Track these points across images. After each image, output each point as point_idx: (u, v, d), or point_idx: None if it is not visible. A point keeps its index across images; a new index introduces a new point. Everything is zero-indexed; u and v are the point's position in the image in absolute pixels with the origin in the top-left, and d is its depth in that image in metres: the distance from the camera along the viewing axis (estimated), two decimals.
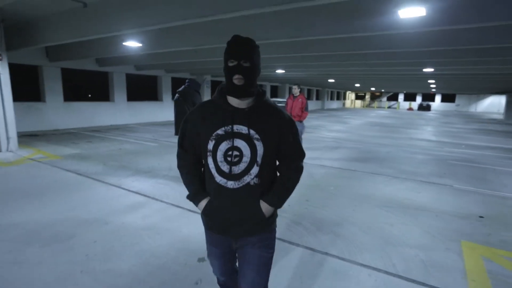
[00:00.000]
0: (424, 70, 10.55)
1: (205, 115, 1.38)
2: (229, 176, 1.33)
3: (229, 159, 1.32)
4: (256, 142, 1.31)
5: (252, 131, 1.31)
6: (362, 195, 4.68)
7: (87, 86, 13.74)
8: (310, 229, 3.41)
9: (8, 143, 6.81)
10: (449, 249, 3.04)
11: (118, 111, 13.70)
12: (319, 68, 12.39)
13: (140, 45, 7.08)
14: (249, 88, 1.31)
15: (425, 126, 17.54)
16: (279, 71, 13.93)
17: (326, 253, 2.88)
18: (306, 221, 3.61)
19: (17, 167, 5.74)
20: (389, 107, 46.07)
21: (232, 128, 1.32)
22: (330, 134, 12.24)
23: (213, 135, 1.33)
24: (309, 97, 32.94)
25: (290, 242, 3.07)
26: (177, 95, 6.86)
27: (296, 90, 7.05)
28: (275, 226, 1.50)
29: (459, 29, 5.04)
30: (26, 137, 9.12)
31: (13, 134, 6.93)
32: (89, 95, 13.69)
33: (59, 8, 5.83)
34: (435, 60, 8.46)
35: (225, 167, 1.33)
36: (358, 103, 50.27)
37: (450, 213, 4.03)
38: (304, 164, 1.49)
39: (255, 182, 1.34)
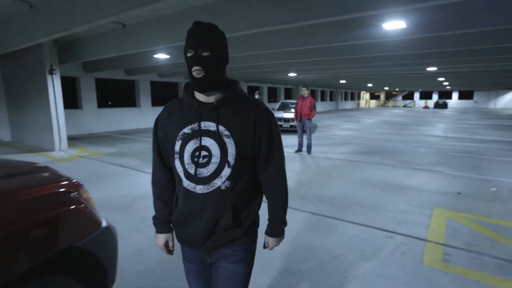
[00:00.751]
0: (428, 69, 11.18)
1: (172, 114, 1.22)
2: (197, 179, 1.16)
3: (196, 160, 1.16)
4: (226, 139, 1.14)
5: (221, 128, 1.14)
6: (360, 179, 5.50)
7: (116, 94, 15.11)
8: (312, 201, 4.29)
9: (60, 143, 8.07)
10: (422, 213, 3.84)
11: (144, 116, 14.97)
12: (326, 70, 13.23)
13: (168, 56, 8.17)
14: (212, 80, 1.13)
15: (437, 123, 17.90)
16: (291, 74, 14.83)
17: (323, 215, 3.76)
18: (310, 196, 4.49)
19: (72, 162, 6.92)
20: (404, 106, 45.87)
21: (199, 125, 1.15)
22: (340, 132, 12.99)
23: (180, 134, 1.17)
24: (322, 98, 33.58)
25: (295, 209, 3.96)
26: None
27: (305, 92, 7.93)
28: (255, 237, 1.30)
29: (440, 35, 5.80)
30: (69, 140, 10.41)
31: (64, 136, 8.18)
32: (117, 101, 15.05)
33: (102, 30, 6.99)
34: (430, 61, 9.16)
35: (192, 170, 1.16)
36: (373, 103, 50.27)
37: (433, 191, 4.80)
38: (311, 157, 1.85)
39: (227, 186, 1.16)
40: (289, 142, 9.47)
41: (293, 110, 12.73)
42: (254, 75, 16.61)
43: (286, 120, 12.60)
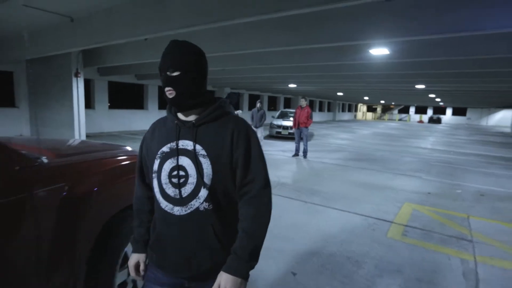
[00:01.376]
0: (416, 86, 12.21)
1: (155, 132, 1.21)
2: (174, 200, 1.11)
3: (174, 180, 1.11)
4: (201, 159, 1.09)
5: (198, 147, 1.09)
6: (348, 180, 6.38)
7: (126, 96, 16.01)
8: (305, 193, 5.16)
9: (80, 139, 8.90)
10: (394, 205, 4.72)
11: (151, 118, 15.69)
12: (323, 84, 14.27)
13: None
14: (185, 99, 1.10)
15: (428, 136, 18.90)
16: (291, 85, 15.82)
17: (313, 203, 4.63)
18: (303, 190, 5.37)
19: None
20: (399, 120, 47.13)
21: (177, 144, 1.12)
22: (335, 141, 13.91)
23: (158, 153, 1.15)
24: (320, 109, 34.67)
25: (290, 198, 4.83)
26: None
27: (303, 102, 8.86)
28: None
29: (420, 60, 6.78)
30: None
31: (83, 133, 9.04)
32: (127, 104, 15.95)
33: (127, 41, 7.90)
34: (416, 79, 10.17)
35: (170, 190, 1.12)
36: (370, 115, 51.52)
37: (408, 191, 5.68)
38: (307, 160, 2.14)
39: (205, 207, 1.09)
40: (287, 147, 10.38)
41: (291, 118, 13.69)
42: (256, 85, 17.60)
43: (285, 127, 13.51)
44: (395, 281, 2.66)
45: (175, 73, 1.07)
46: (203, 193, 1.09)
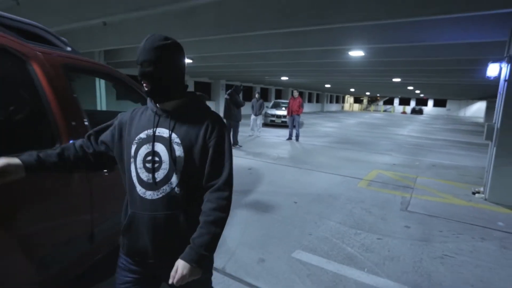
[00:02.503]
0: (393, 80, 13.92)
1: (134, 119, 1.23)
2: (147, 185, 1.14)
3: (148, 165, 1.14)
4: (175, 146, 1.13)
5: (173, 135, 1.14)
6: (333, 155, 8.01)
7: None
8: (299, 163, 6.77)
9: None
10: (365, 170, 6.37)
11: None
12: (313, 77, 15.86)
13: (191, 61, 10.46)
14: (160, 92, 1.14)
15: (407, 125, 20.81)
16: (284, 78, 17.33)
17: (306, 169, 6.24)
18: (298, 161, 6.97)
19: None
20: (384, 111, 49.34)
21: (154, 131, 1.16)
22: (323, 129, 15.58)
23: (136, 139, 1.18)
24: (309, 100, 36.31)
25: (288, 166, 6.42)
26: (226, 95, 9.61)
27: (295, 93, 10.43)
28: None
29: (392, 60, 8.40)
30: None
31: None
32: None
33: None
34: (392, 74, 11.88)
35: (143, 175, 1.15)
36: (356, 106, 53.58)
37: (378, 162, 7.35)
38: (299, 143, 3.20)
39: (176, 192, 1.13)
40: (281, 133, 11.97)
41: (284, 108, 15.27)
42: (250, 78, 19.03)
43: (278, 116, 15.08)
44: (358, 205, 4.27)
45: (148, 68, 1.10)
46: (175, 178, 1.13)
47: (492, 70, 4.54)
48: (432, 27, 5.11)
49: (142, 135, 1.18)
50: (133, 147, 1.18)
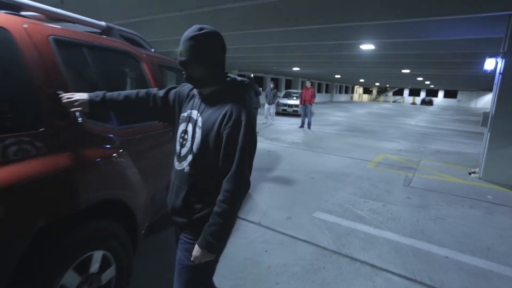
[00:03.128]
0: (403, 71, 14.34)
1: (188, 98, 1.38)
2: (177, 156, 1.32)
3: (180, 140, 1.31)
4: (197, 129, 1.24)
5: (199, 118, 1.25)
6: (343, 141, 8.66)
7: None
8: (312, 147, 7.45)
9: None
10: (373, 154, 7.01)
11: None
12: (324, 68, 16.35)
13: None
14: (195, 79, 1.24)
15: (416, 116, 21.15)
16: (295, 68, 17.84)
17: (319, 152, 6.91)
18: (311, 145, 7.65)
19: None
20: (394, 101, 49.29)
21: (190, 112, 1.30)
22: (333, 118, 16.14)
23: (181, 116, 1.35)
24: (319, 90, 36.63)
25: (302, 149, 7.11)
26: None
27: (308, 84, 11.02)
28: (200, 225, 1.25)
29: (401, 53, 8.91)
30: None
31: None
32: None
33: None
34: (401, 66, 12.34)
35: (178, 147, 1.32)
36: (365, 97, 53.56)
37: (385, 148, 7.97)
38: (311, 130, 3.71)
39: (187, 170, 1.26)
40: (293, 122, 12.63)
41: (295, 98, 15.87)
42: (261, 68, 19.58)
43: (290, 105, 15.68)
44: (366, 181, 4.95)
45: (183, 57, 1.19)
46: (189, 158, 1.25)
47: (489, 64, 5.10)
48: (437, 25, 5.64)
49: (185, 113, 1.34)
50: (179, 122, 1.36)
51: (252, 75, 20.67)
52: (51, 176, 1.33)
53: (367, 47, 7.80)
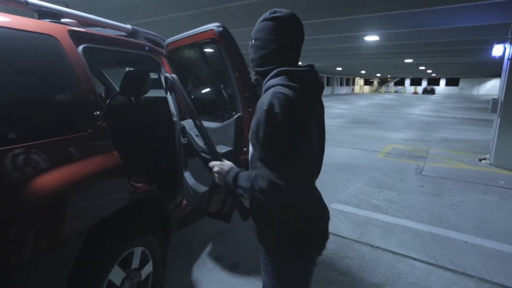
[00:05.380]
0: (405, 60, 14.31)
1: None
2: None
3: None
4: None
5: None
6: (349, 133, 8.70)
7: None
8: None
9: None
10: (382, 144, 7.05)
11: None
12: (326, 61, 16.31)
13: None
14: (254, 65, 1.14)
15: (419, 105, 21.10)
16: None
17: (328, 144, 6.93)
18: None
19: None
20: (395, 92, 49.09)
21: None
22: (336, 110, 16.14)
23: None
24: None
25: None
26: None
27: None
28: (283, 254, 1.11)
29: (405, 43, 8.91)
30: None
31: None
32: None
33: None
34: (404, 56, 12.32)
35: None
36: (367, 88, 53.39)
37: (392, 138, 8.00)
38: None
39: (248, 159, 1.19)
40: None
41: None
42: None
43: None
44: (378, 171, 5.01)
45: (251, 41, 1.11)
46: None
47: (497, 50, 5.11)
48: (443, 14, 5.63)
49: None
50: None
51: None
52: (106, 173, 1.40)
53: (372, 38, 7.81)
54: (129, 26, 2.10)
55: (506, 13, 4.95)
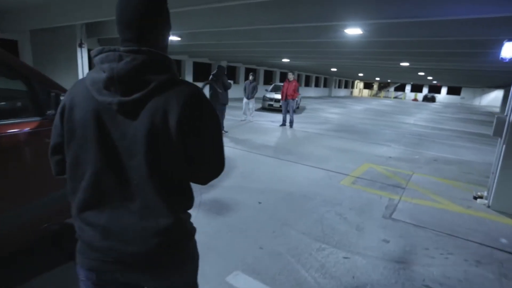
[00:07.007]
0: (401, 64, 12.86)
1: None
2: None
3: None
4: None
5: None
6: (323, 145, 7.30)
7: None
8: (282, 153, 6.09)
9: None
10: (355, 164, 5.66)
11: None
12: (314, 59, 14.86)
13: (179, 39, 9.67)
14: None
15: (416, 114, 19.72)
16: (285, 60, 16.37)
17: (287, 160, 5.56)
18: (282, 150, 6.29)
19: None
20: (395, 97, 47.67)
21: None
22: (325, 115, 14.74)
23: None
24: (316, 85, 35.09)
25: (267, 156, 5.75)
26: (211, 76, 8.82)
27: (290, 76, 9.61)
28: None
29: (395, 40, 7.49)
30: None
31: None
32: None
33: None
34: (399, 57, 10.87)
35: None
36: (366, 92, 51.95)
37: (372, 154, 6.61)
38: (292, 130, 2.62)
39: None
40: (276, 118, 11.24)
41: None
42: (252, 59, 18.10)
43: (277, 100, 14.20)
44: (333, 209, 3.62)
45: None
46: None
47: (508, 50, 3.72)
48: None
49: None
50: None
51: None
52: None
53: (353, 31, 6.37)
54: None
55: None
